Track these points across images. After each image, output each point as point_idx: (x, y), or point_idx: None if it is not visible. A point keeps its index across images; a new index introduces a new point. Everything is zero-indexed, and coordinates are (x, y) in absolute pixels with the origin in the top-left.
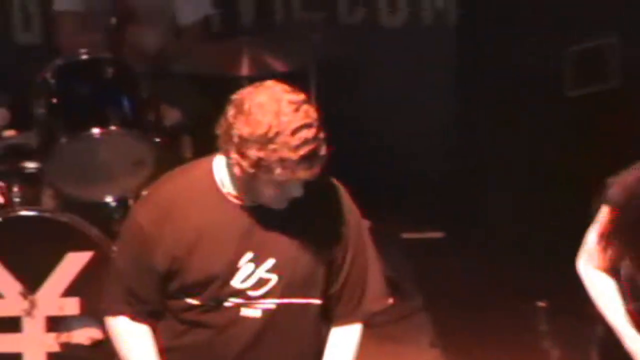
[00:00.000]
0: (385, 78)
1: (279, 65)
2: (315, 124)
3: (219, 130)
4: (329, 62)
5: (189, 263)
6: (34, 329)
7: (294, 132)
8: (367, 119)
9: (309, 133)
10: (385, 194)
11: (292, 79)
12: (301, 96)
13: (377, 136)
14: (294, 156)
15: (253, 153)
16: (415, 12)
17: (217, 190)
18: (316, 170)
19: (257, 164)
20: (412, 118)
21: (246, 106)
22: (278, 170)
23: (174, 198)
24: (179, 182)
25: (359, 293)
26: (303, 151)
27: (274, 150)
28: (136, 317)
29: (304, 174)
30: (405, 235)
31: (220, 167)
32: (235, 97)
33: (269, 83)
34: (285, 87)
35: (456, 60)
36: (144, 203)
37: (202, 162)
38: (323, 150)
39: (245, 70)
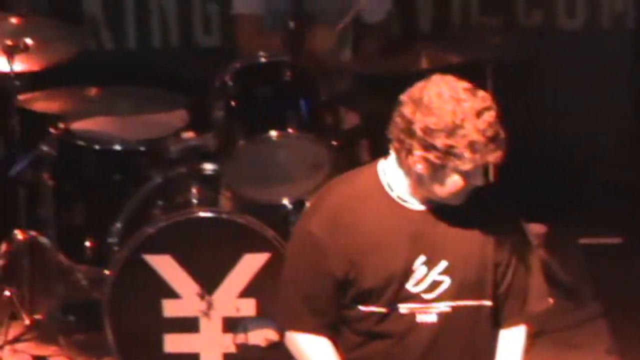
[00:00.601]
0: (562, 81)
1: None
2: (494, 106)
3: (392, 133)
4: (507, 65)
5: (364, 268)
6: (211, 329)
7: (479, 115)
8: (543, 122)
9: (491, 116)
10: (563, 199)
11: (469, 80)
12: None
13: (554, 140)
14: (482, 139)
15: (441, 142)
16: (593, 15)
17: (386, 194)
18: (502, 152)
19: (447, 152)
20: (589, 122)
21: (425, 99)
22: (467, 155)
23: (343, 204)
24: (346, 188)
25: (523, 294)
26: (489, 133)
27: (463, 136)
28: (316, 330)
29: (492, 156)
30: (583, 241)
31: (386, 171)
32: (405, 95)
33: (437, 76)
34: (454, 77)
35: (633, 64)
36: (313, 211)
37: (365, 168)
38: (503, 133)
39: (423, 72)
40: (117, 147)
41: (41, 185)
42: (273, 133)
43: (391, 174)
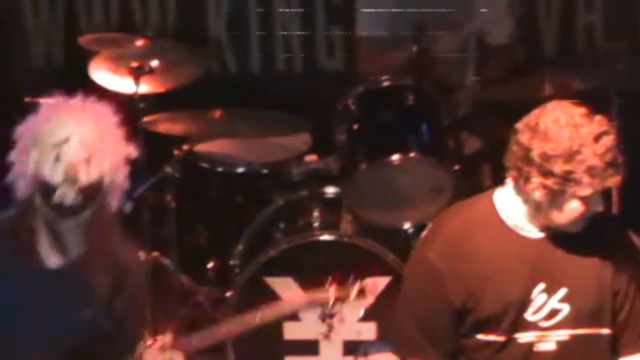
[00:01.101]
0: None
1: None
2: (611, 131)
3: (509, 161)
4: (632, 90)
5: (482, 296)
6: (331, 352)
7: (597, 140)
8: None
9: (609, 140)
10: None
11: (593, 106)
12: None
13: None
14: (600, 163)
15: (559, 168)
16: None
17: (502, 223)
18: (620, 176)
19: (565, 177)
20: None
21: (542, 125)
22: (586, 180)
23: (461, 232)
24: (463, 216)
25: None
26: (608, 157)
27: (581, 161)
28: (435, 359)
29: (611, 181)
30: None
31: (503, 199)
32: (521, 123)
33: (553, 103)
34: (569, 103)
35: None
36: (431, 237)
37: (482, 196)
38: (621, 157)
39: (546, 98)
40: (240, 170)
41: (164, 206)
42: (395, 157)
43: (508, 202)
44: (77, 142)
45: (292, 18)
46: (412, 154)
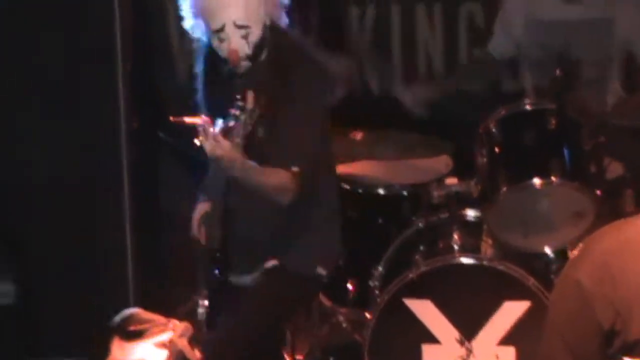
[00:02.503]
0: None
1: None
2: None
3: None
4: None
5: (631, 320)
6: None
7: None
8: None
9: None
10: None
11: None
12: None
13: None
14: None
15: None
16: None
17: None
18: None
19: None
20: None
21: None
22: None
23: (612, 253)
24: (615, 237)
25: None
26: None
27: None
28: None
29: None
30: None
31: None
32: None
33: None
34: None
35: None
36: (581, 258)
37: (635, 218)
38: None
39: None
40: (381, 191)
41: None
42: (536, 181)
43: None
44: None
45: (435, 39)
46: (553, 178)
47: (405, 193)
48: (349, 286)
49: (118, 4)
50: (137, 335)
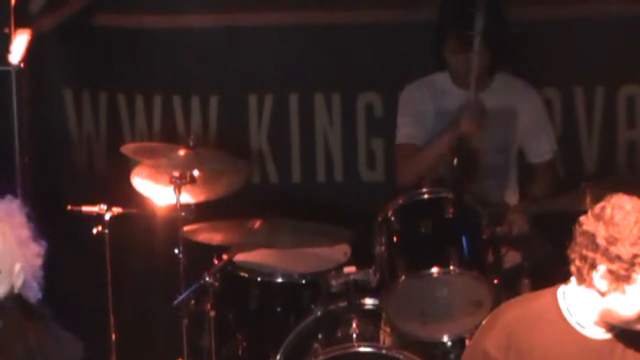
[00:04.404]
0: None
1: None
2: None
3: (572, 252)
4: None
5: None
6: None
7: None
8: None
9: None
10: None
11: None
12: None
13: None
14: None
15: (626, 251)
16: None
17: (564, 319)
18: None
19: (632, 262)
20: None
21: (607, 212)
22: None
23: (519, 324)
24: (523, 308)
25: None
26: None
27: None
28: None
29: None
30: None
31: (566, 296)
32: (585, 216)
33: (616, 195)
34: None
35: None
36: (488, 328)
37: (545, 291)
38: None
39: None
40: (279, 280)
41: (203, 315)
42: (435, 269)
43: (571, 299)
44: None
45: (334, 130)
46: (451, 267)
47: (303, 281)
48: None
49: (16, 96)
50: None
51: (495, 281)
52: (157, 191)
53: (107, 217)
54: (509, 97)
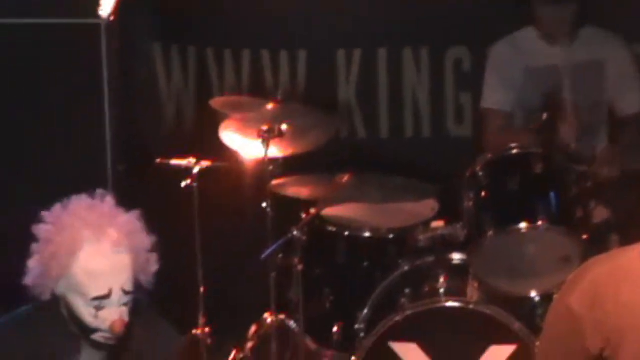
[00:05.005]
0: None
1: None
2: None
3: None
4: None
5: (620, 348)
6: None
7: None
8: None
9: None
10: None
11: None
12: None
13: None
14: None
15: None
16: None
17: None
18: None
19: None
20: None
21: None
22: None
23: (605, 280)
24: (610, 265)
25: None
26: None
27: None
28: None
29: None
30: None
31: None
32: None
33: None
34: None
35: None
36: (573, 284)
37: (630, 248)
38: None
39: None
40: (367, 234)
41: (291, 269)
42: (522, 225)
43: None
44: (119, 296)
45: (422, 84)
46: (540, 223)
47: (391, 236)
48: (335, 329)
49: (106, 49)
50: None
51: (584, 237)
52: (245, 145)
53: (196, 170)
54: (597, 50)
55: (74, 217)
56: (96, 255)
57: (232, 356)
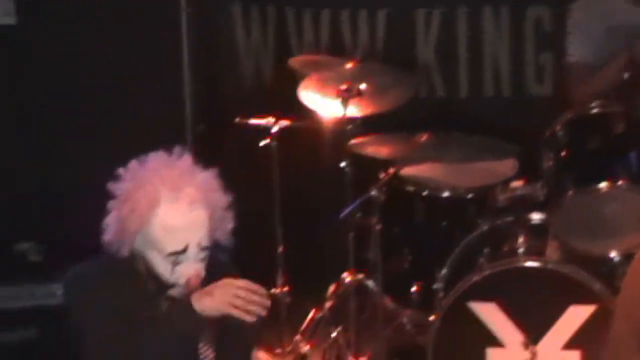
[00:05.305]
0: None
1: None
2: None
3: None
4: None
5: None
6: None
7: None
8: None
9: None
10: None
11: None
12: None
13: None
14: None
15: None
16: None
17: None
18: None
19: None
20: None
21: None
22: None
23: None
24: None
25: None
26: None
27: None
28: None
29: None
30: None
31: None
32: None
33: None
34: None
35: None
36: None
37: None
38: None
39: None
40: (446, 194)
41: (369, 229)
42: (603, 184)
43: None
44: (195, 252)
45: (502, 43)
46: (620, 182)
47: (470, 196)
48: (413, 288)
49: (185, 7)
50: None
51: None
52: (324, 104)
53: (275, 129)
54: None
55: (152, 174)
56: (173, 211)
57: (310, 315)
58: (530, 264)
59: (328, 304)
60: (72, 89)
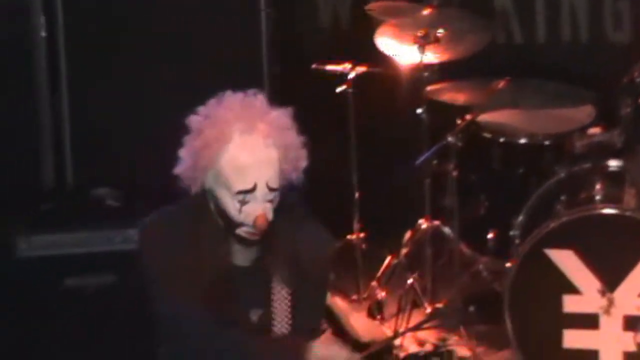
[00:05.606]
0: None
1: None
2: None
3: None
4: None
5: None
6: (611, 327)
7: None
8: None
9: None
10: None
11: None
12: None
13: None
14: None
15: None
16: None
17: None
18: None
19: None
20: None
21: None
22: None
23: None
24: None
25: None
26: None
27: None
28: None
29: None
30: None
31: None
32: None
33: None
34: None
35: None
36: None
37: None
38: None
39: None
40: (523, 141)
41: (446, 175)
42: None
43: None
44: (264, 192)
45: None
46: None
47: (547, 142)
48: (489, 235)
49: None
50: None
51: None
52: (401, 50)
53: (351, 75)
54: None
55: (226, 110)
56: (244, 149)
57: (386, 262)
58: (607, 211)
59: (404, 251)
60: (150, 33)
